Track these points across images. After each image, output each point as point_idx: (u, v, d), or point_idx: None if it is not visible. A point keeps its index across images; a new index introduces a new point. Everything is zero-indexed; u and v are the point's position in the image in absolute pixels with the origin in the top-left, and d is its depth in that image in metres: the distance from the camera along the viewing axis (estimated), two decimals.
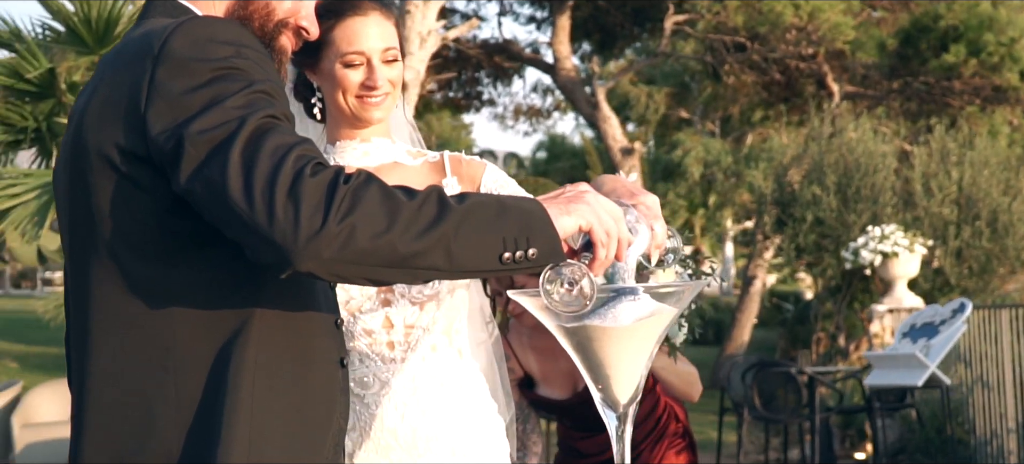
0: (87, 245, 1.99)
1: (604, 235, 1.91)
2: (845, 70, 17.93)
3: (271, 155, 1.76)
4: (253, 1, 2.13)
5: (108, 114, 1.92)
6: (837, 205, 13.67)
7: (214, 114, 1.81)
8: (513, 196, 1.92)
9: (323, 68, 2.69)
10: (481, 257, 1.83)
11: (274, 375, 1.97)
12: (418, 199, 1.80)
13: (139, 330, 1.94)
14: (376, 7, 2.68)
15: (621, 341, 1.98)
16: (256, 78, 1.89)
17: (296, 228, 1.72)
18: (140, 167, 1.90)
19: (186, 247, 1.93)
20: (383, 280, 1.83)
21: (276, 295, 1.98)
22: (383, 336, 2.70)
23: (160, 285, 1.93)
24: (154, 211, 1.91)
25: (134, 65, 1.92)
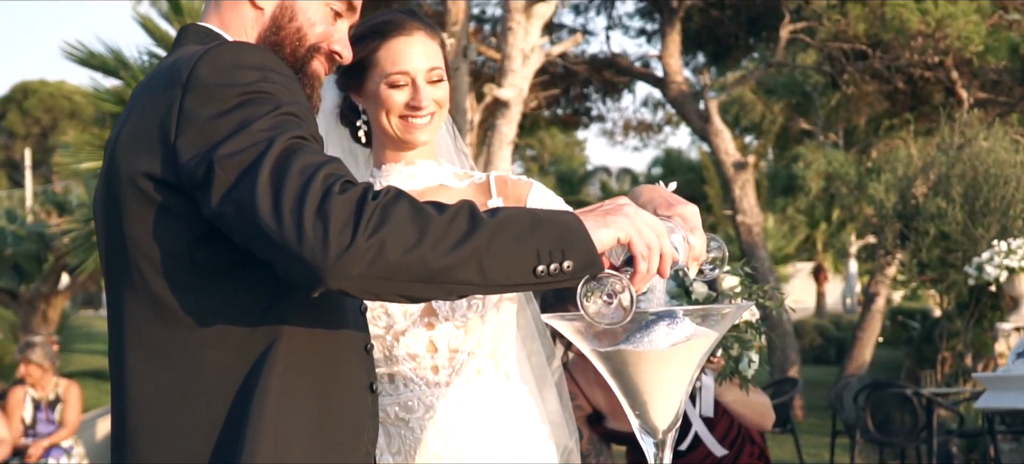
0: (120, 271, 2.03)
1: (645, 248, 1.88)
2: (975, 76, 17.11)
3: (299, 174, 1.79)
4: (284, 27, 2.16)
5: (139, 142, 1.96)
6: (963, 218, 12.98)
7: (242, 137, 1.85)
8: (550, 209, 1.91)
9: (368, 89, 2.69)
10: (515, 270, 1.81)
11: (299, 398, 1.99)
12: (449, 213, 1.80)
13: (171, 356, 1.98)
14: (421, 27, 2.68)
15: (657, 366, 1.94)
16: (283, 101, 1.91)
17: (325, 245, 1.74)
18: (171, 195, 1.94)
19: (215, 274, 1.96)
20: (417, 296, 1.83)
21: (304, 319, 2.01)
22: (427, 360, 2.69)
23: (190, 311, 1.97)
24: (185, 239, 1.95)
25: (164, 93, 1.96)
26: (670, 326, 1.92)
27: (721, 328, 1.99)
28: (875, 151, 21.15)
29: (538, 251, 1.81)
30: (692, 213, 2.14)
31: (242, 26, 2.16)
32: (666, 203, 2.17)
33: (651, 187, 2.30)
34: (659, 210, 2.13)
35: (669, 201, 2.18)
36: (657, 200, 2.20)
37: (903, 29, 15.40)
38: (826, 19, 16.27)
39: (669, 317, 1.92)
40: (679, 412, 2.01)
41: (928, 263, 13.38)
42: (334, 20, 2.21)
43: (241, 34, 2.16)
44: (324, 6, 2.18)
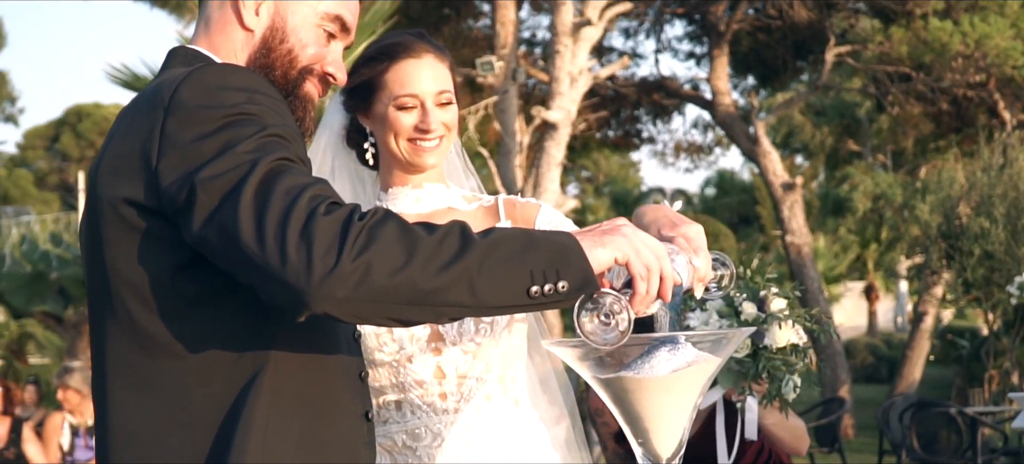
0: (102, 300, 1.97)
1: (643, 269, 1.82)
2: (1017, 97, 17.22)
3: (284, 196, 1.74)
4: (275, 49, 2.10)
5: (121, 167, 1.91)
6: (1006, 238, 13.12)
7: (225, 160, 1.79)
8: (546, 230, 1.86)
9: (375, 111, 2.63)
10: (507, 292, 1.77)
11: (286, 427, 1.93)
12: (438, 234, 1.75)
13: (154, 386, 1.92)
14: (430, 49, 2.64)
15: (658, 393, 1.89)
16: (269, 122, 1.86)
17: (309, 268, 1.68)
18: (153, 221, 1.88)
19: (200, 302, 1.90)
20: (406, 319, 1.78)
21: (293, 346, 1.94)
22: (435, 387, 2.62)
23: (174, 340, 1.91)
24: (167, 266, 1.89)
25: (146, 116, 1.91)
26: (671, 352, 1.87)
27: (725, 353, 1.94)
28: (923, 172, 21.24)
29: (532, 271, 1.76)
30: (696, 233, 2.10)
31: (232, 48, 2.10)
32: (670, 223, 2.14)
33: (655, 207, 2.26)
34: (663, 230, 2.11)
35: (673, 221, 2.14)
36: (661, 220, 2.16)
37: (944, 50, 15.57)
38: (870, 42, 16.47)
39: (671, 343, 1.88)
40: (682, 440, 1.96)
41: (973, 282, 13.50)
42: (327, 41, 2.14)
43: (231, 56, 2.10)
44: (316, 27, 2.12)
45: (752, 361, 3.36)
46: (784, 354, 3.36)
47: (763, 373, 3.38)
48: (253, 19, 2.10)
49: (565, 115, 13.41)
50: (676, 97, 19.44)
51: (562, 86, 13.44)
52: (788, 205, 17.19)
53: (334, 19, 2.13)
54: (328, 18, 2.13)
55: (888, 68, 16.81)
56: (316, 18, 2.12)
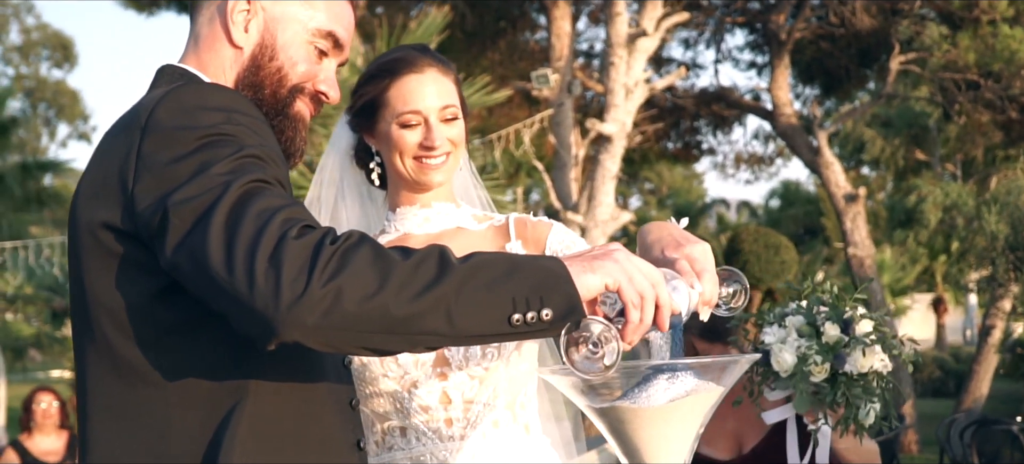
0: (83, 327, 1.93)
1: (636, 296, 1.74)
2: None
3: (255, 219, 1.67)
4: (264, 66, 2.05)
5: (98, 191, 1.86)
6: None
7: (199, 182, 1.73)
8: (532, 255, 1.81)
9: (380, 130, 2.58)
10: (487, 320, 1.69)
11: (268, 458, 1.87)
12: (415, 258, 1.68)
13: (135, 417, 1.87)
14: (433, 64, 2.57)
15: (655, 423, 1.83)
16: (247, 143, 1.80)
17: (277, 294, 1.62)
18: (130, 246, 1.83)
19: (179, 330, 1.85)
20: (380, 348, 1.71)
21: (276, 375, 1.88)
22: (440, 413, 2.54)
23: (153, 369, 1.86)
24: (145, 293, 1.84)
25: (123, 138, 1.86)
26: (670, 381, 1.81)
27: (727, 382, 1.87)
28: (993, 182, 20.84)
29: (514, 298, 1.69)
30: (701, 253, 2.02)
31: (220, 66, 2.05)
32: (675, 243, 2.06)
33: (661, 224, 2.19)
34: (666, 250, 2.05)
35: (678, 240, 2.07)
36: (665, 240, 2.09)
37: (1013, 58, 15.20)
38: (936, 50, 16.13)
39: (670, 371, 1.82)
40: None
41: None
42: (319, 59, 2.09)
43: (219, 74, 2.05)
44: (307, 44, 2.07)
45: (830, 387, 3.20)
46: (865, 381, 3.19)
47: (841, 400, 3.22)
48: (242, 36, 2.05)
49: (620, 127, 13.27)
50: (736, 108, 19.25)
51: (617, 98, 13.29)
52: (851, 216, 16.88)
53: (326, 36, 2.08)
54: (320, 35, 2.07)
55: (955, 76, 16.45)
56: (307, 35, 2.07)
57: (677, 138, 20.77)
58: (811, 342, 3.18)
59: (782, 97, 17.18)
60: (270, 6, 2.06)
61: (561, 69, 14.15)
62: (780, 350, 3.17)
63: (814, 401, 3.28)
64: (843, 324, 3.20)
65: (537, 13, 17.48)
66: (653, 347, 1.96)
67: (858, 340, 3.17)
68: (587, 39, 19.10)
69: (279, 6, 2.06)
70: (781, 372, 3.19)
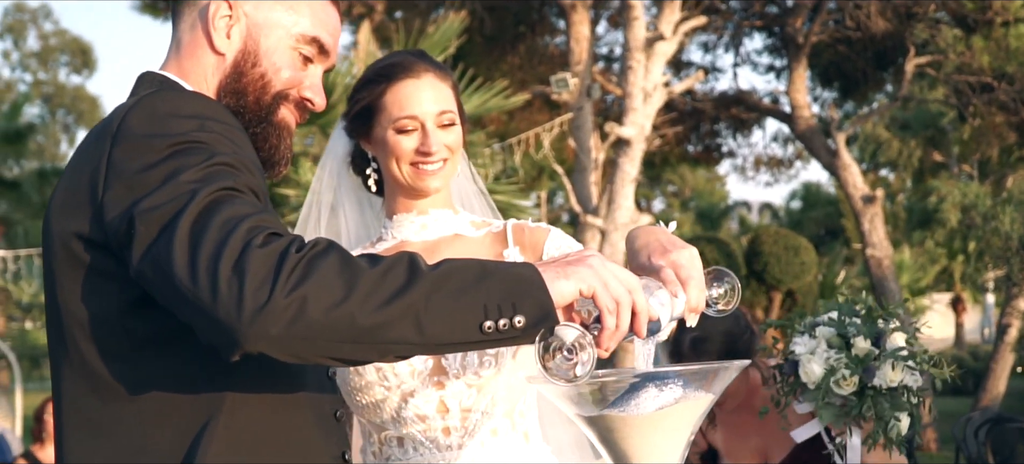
0: (57, 340, 1.88)
1: (611, 302, 1.71)
2: None
3: (220, 228, 1.62)
4: (247, 73, 1.99)
5: (69, 200, 1.82)
6: None
7: (167, 189, 1.68)
8: (506, 262, 1.76)
9: (376, 136, 2.54)
10: (458, 327, 1.64)
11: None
12: (383, 266, 1.64)
13: (109, 432, 1.82)
14: (430, 69, 2.53)
15: (645, 432, 1.80)
16: (218, 150, 1.75)
17: (240, 304, 1.57)
18: (101, 257, 1.78)
19: (152, 343, 1.79)
20: (347, 358, 1.67)
21: (253, 387, 1.83)
22: (438, 421, 2.50)
23: (127, 383, 1.81)
24: (117, 305, 1.79)
25: (96, 146, 1.81)
26: (659, 389, 1.78)
27: (717, 389, 1.84)
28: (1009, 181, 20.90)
29: (485, 305, 1.65)
30: (687, 259, 1.98)
31: (202, 73, 2.00)
32: (661, 248, 2.01)
33: (648, 229, 2.14)
34: (652, 257, 2.00)
35: (664, 246, 2.01)
36: (652, 245, 2.04)
37: None
38: (951, 52, 16.26)
39: (659, 379, 1.78)
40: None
41: None
42: (304, 65, 2.04)
43: (201, 81, 1.99)
44: (291, 50, 2.02)
45: (857, 400, 3.17)
46: (894, 395, 3.16)
47: (868, 413, 3.18)
48: (224, 42, 2.00)
49: (639, 131, 13.44)
50: (755, 110, 19.35)
51: (635, 102, 13.47)
52: (868, 218, 17.00)
53: (311, 41, 2.04)
54: (304, 40, 2.03)
55: (970, 78, 16.56)
56: (291, 41, 2.02)
57: (697, 141, 20.86)
58: (840, 354, 3.13)
59: (800, 100, 17.31)
60: (253, 12, 2.00)
61: (580, 73, 14.33)
62: (808, 361, 3.15)
63: (841, 414, 3.24)
64: (875, 336, 3.15)
65: (556, 17, 17.66)
66: (638, 355, 1.89)
67: (889, 354, 3.12)
68: (607, 43, 19.26)
69: (262, 12, 2.01)
70: (809, 384, 3.16)
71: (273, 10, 2.01)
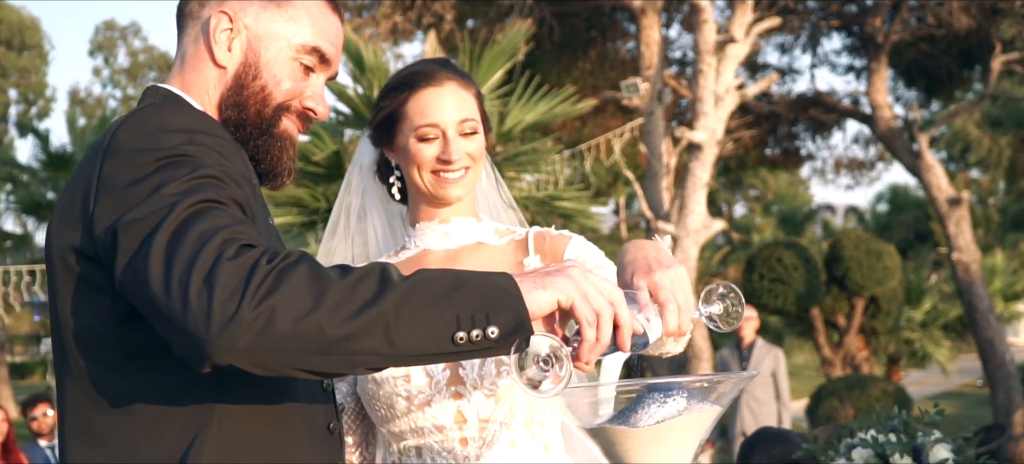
0: (58, 352, 1.92)
1: (590, 314, 1.69)
2: None
3: (195, 240, 1.64)
4: (248, 86, 2.01)
5: (66, 215, 1.85)
6: None
7: (150, 202, 1.71)
8: (481, 271, 1.72)
9: (398, 144, 2.55)
10: (429, 338, 1.64)
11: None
12: (353, 277, 1.64)
13: (107, 443, 1.85)
14: (452, 77, 2.53)
15: (647, 445, 1.77)
16: (204, 163, 1.77)
17: (208, 316, 1.58)
18: (94, 270, 1.81)
19: (145, 355, 1.82)
20: (317, 369, 1.65)
21: (239, 398, 1.85)
22: (455, 432, 2.49)
23: (122, 395, 1.84)
24: (110, 318, 1.82)
25: (90, 161, 1.85)
26: (661, 402, 1.76)
27: (722, 402, 1.81)
28: None
29: (458, 316, 1.64)
30: (669, 279, 1.93)
31: (204, 86, 2.02)
32: (646, 266, 1.97)
33: (640, 244, 2.10)
34: (636, 275, 1.97)
35: (649, 265, 1.97)
36: (639, 262, 2.00)
37: None
38: None
39: (663, 391, 1.76)
40: None
41: None
42: (305, 75, 2.05)
43: (203, 95, 2.02)
44: (292, 61, 2.03)
45: None
46: None
47: None
48: (225, 56, 2.02)
49: (710, 135, 13.17)
50: (834, 112, 18.97)
51: (706, 106, 13.20)
52: (954, 221, 16.52)
53: (311, 51, 2.05)
54: (304, 51, 2.04)
55: None
56: (291, 52, 2.03)
57: (775, 144, 20.53)
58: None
59: (880, 100, 16.90)
60: (253, 24, 2.02)
61: (651, 77, 14.09)
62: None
63: None
64: (914, 452, 3.08)
65: (627, 22, 17.44)
66: (604, 369, 1.88)
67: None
68: (680, 46, 19.01)
69: (263, 24, 2.02)
70: None
71: (273, 22, 2.03)
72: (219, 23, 2.01)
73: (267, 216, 1.99)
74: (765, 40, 18.02)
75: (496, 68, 10.07)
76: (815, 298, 15.77)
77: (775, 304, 15.75)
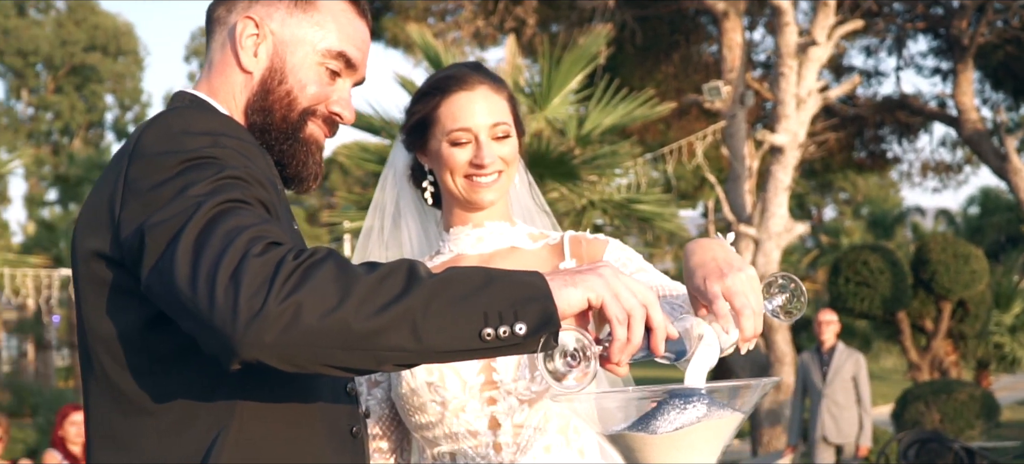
0: (84, 356, 1.93)
1: (621, 312, 1.66)
2: None
3: (222, 238, 1.63)
4: (273, 91, 2.01)
5: (91, 220, 1.86)
6: None
7: (176, 204, 1.70)
8: (512, 269, 1.70)
9: (431, 148, 2.52)
10: (457, 335, 1.61)
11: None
12: (380, 272, 1.62)
13: (131, 447, 1.85)
14: (484, 81, 2.51)
15: (666, 451, 1.73)
16: (229, 165, 1.77)
17: (235, 312, 1.57)
18: (120, 274, 1.81)
19: (171, 358, 1.81)
20: (343, 365, 1.64)
21: (261, 401, 1.84)
22: (489, 437, 2.47)
23: (147, 398, 1.83)
24: (136, 322, 1.81)
25: (116, 165, 1.86)
26: (680, 408, 1.71)
27: (745, 410, 1.77)
28: None
29: (486, 312, 1.62)
30: (742, 284, 1.90)
31: (230, 91, 2.02)
32: (718, 271, 1.93)
33: (705, 244, 2.05)
34: (708, 280, 1.92)
35: (721, 268, 1.93)
36: (709, 265, 1.95)
37: None
38: None
39: (684, 397, 1.72)
40: None
41: None
42: (331, 80, 2.05)
43: (229, 99, 2.02)
44: (318, 66, 2.02)
45: None
46: None
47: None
48: (251, 61, 2.01)
49: (792, 138, 13.16)
50: (920, 115, 18.77)
51: (788, 109, 13.19)
52: None
53: (337, 56, 2.04)
54: (330, 55, 2.03)
55: None
56: (317, 57, 2.02)
57: (861, 147, 20.33)
58: None
59: (967, 103, 16.71)
60: (280, 29, 2.02)
61: (733, 80, 14.11)
62: None
63: None
64: None
65: (710, 25, 17.45)
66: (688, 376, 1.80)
67: None
68: (764, 49, 18.92)
69: (289, 29, 2.02)
70: None
71: (300, 27, 2.03)
72: (246, 28, 2.01)
73: (291, 220, 1.98)
74: (850, 43, 17.91)
75: (575, 72, 10.18)
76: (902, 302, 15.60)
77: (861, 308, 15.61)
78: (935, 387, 14.16)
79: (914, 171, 22.49)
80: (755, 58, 18.17)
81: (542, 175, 9.68)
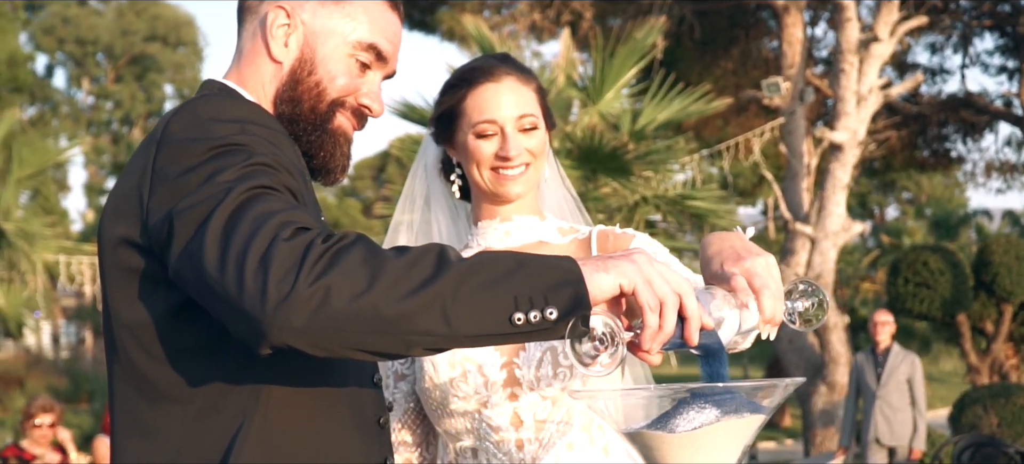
0: (109, 344, 1.93)
1: (653, 299, 1.64)
2: None
3: (251, 223, 1.64)
4: (303, 81, 2.00)
5: (119, 207, 1.86)
6: None
7: (204, 189, 1.71)
8: (544, 255, 1.69)
9: (458, 141, 2.51)
10: (487, 319, 1.61)
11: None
12: (410, 256, 1.62)
13: (156, 434, 1.85)
14: (511, 72, 2.49)
15: (685, 451, 1.70)
16: (257, 151, 1.77)
17: (263, 295, 1.57)
18: (148, 261, 1.81)
19: (197, 346, 1.82)
20: (373, 349, 1.63)
21: (289, 388, 1.85)
22: (511, 434, 2.46)
23: (173, 386, 1.84)
24: (163, 309, 1.82)
25: (143, 153, 1.86)
26: (700, 408, 1.69)
27: (766, 410, 1.75)
28: None
29: (516, 297, 1.61)
30: (763, 267, 1.88)
31: (260, 81, 2.02)
32: (735, 255, 1.91)
33: (723, 235, 2.02)
34: (725, 264, 1.90)
35: (739, 253, 1.91)
36: (726, 252, 1.93)
37: None
38: None
39: (704, 396, 1.69)
40: None
41: None
42: (361, 72, 2.04)
43: (258, 89, 2.02)
44: (347, 58, 2.02)
45: None
46: None
47: None
48: (281, 51, 2.01)
49: (851, 135, 12.97)
50: (986, 114, 18.43)
51: (848, 106, 13.00)
52: None
53: (368, 48, 2.03)
54: (360, 47, 2.03)
55: None
56: (347, 48, 2.02)
57: (925, 146, 20.02)
58: None
59: None
60: (310, 20, 2.01)
61: (793, 76, 13.93)
62: None
63: None
64: None
65: (771, 20, 17.25)
66: None
67: None
68: (826, 45, 18.67)
69: (320, 19, 2.02)
70: None
71: (331, 17, 2.02)
72: (276, 18, 2.01)
73: (318, 211, 1.97)
74: (914, 40, 17.63)
75: (629, 66, 10.08)
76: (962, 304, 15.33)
77: (920, 309, 15.36)
78: (994, 391, 13.90)
79: (978, 171, 22.11)
80: (816, 54, 17.93)
81: (595, 169, 9.61)
